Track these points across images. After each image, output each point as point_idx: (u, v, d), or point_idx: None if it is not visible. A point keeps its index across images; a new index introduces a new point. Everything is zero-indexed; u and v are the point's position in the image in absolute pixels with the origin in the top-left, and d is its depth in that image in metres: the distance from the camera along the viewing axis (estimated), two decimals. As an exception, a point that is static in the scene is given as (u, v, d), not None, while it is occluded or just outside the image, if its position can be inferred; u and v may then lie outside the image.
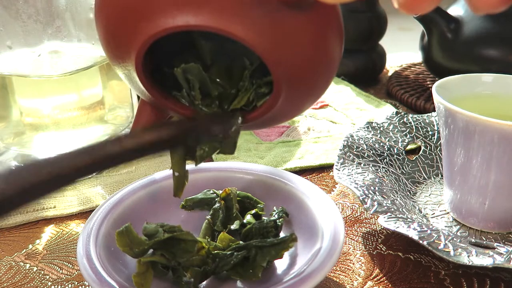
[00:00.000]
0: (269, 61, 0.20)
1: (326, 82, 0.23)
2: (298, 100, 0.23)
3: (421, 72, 0.68)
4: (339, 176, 0.34)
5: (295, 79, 0.21)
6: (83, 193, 0.39)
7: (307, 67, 0.21)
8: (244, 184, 0.33)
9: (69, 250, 0.32)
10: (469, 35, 0.51)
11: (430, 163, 0.40)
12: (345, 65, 0.65)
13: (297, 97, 0.23)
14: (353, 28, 0.62)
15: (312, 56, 0.21)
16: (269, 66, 0.20)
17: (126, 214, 0.30)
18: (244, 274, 0.27)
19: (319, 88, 0.23)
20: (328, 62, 0.22)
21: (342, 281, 0.29)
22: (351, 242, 0.33)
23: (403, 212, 0.31)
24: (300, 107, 0.24)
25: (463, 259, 0.25)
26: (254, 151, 0.46)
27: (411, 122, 0.43)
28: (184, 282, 0.26)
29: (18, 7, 0.36)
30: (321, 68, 0.22)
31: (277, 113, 0.23)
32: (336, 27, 0.21)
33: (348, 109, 0.57)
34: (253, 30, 0.19)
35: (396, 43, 0.85)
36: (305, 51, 0.21)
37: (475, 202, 0.32)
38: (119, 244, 0.25)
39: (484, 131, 0.29)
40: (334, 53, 0.22)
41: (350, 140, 0.39)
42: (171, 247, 0.26)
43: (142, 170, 0.42)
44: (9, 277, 0.30)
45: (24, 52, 0.39)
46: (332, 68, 0.23)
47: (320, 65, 0.22)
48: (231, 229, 0.30)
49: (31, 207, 0.36)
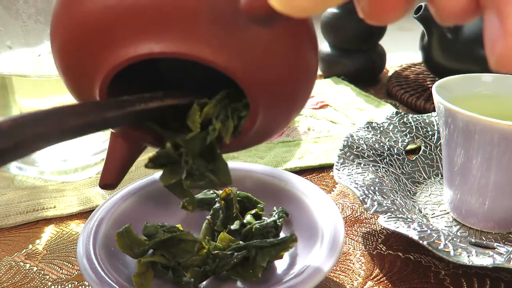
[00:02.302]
0: (243, 81, 0.19)
1: (305, 95, 0.22)
2: (278, 117, 0.22)
3: (421, 72, 0.68)
4: (339, 176, 0.34)
5: (272, 97, 0.20)
6: (83, 193, 0.39)
7: (283, 82, 0.20)
8: (244, 184, 0.33)
9: (69, 250, 0.32)
10: (469, 35, 0.51)
11: (430, 163, 0.40)
12: (345, 65, 0.65)
13: (276, 114, 0.22)
14: (353, 28, 0.62)
15: (288, 70, 0.20)
16: (243, 85, 0.19)
17: (126, 214, 0.30)
18: (244, 274, 0.27)
19: (298, 101, 0.22)
20: (305, 73, 0.21)
21: (342, 281, 0.29)
22: (351, 242, 0.33)
23: (403, 212, 0.31)
24: (281, 123, 0.23)
25: (463, 259, 0.25)
26: (254, 151, 0.46)
27: (411, 122, 0.43)
28: (184, 282, 0.26)
29: (18, 7, 0.36)
30: (298, 81, 0.21)
31: (257, 133, 0.22)
32: (309, 38, 0.20)
33: (348, 109, 0.57)
34: (222, 50, 0.18)
35: (396, 43, 0.85)
36: (280, 66, 0.20)
37: (475, 202, 0.32)
38: (119, 245, 0.25)
39: (484, 131, 0.29)
40: (310, 64, 0.21)
41: (350, 140, 0.39)
42: (171, 247, 0.26)
43: (142, 170, 0.42)
44: (9, 277, 0.30)
45: (24, 52, 0.39)
46: (309, 79, 0.21)
47: (297, 78, 0.21)
48: (231, 229, 0.30)
49: (31, 207, 0.36)
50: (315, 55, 0.21)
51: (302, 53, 0.20)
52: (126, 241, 0.25)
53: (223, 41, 0.18)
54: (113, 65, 0.18)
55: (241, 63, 0.19)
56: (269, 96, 0.20)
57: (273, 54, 0.19)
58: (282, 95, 0.21)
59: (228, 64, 0.18)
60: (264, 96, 0.20)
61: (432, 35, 0.54)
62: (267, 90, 0.20)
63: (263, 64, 0.19)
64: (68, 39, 0.19)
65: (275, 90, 0.20)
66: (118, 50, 0.18)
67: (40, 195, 0.38)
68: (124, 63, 0.18)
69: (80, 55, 0.19)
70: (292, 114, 0.22)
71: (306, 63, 0.20)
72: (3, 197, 0.38)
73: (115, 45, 0.18)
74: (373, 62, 0.66)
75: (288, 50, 0.19)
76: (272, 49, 0.19)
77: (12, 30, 0.37)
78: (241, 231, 0.29)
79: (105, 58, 0.19)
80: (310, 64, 0.21)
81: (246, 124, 0.21)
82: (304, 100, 0.22)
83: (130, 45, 0.18)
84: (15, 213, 0.36)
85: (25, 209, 0.36)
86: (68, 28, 0.19)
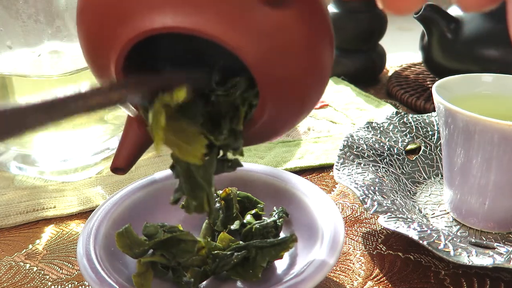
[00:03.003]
0: (252, 63, 0.19)
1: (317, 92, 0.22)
2: (288, 109, 0.21)
3: (421, 72, 0.68)
4: (339, 176, 0.34)
5: (282, 83, 0.20)
6: (83, 193, 0.39)
7: (294, 70, 0.20)
8: (244, 184, 0.33)
9: (69, 250, 0.32)
10: (469, 35, 0.51)
11: (430, 163, 0.40)
12: (345, 65, 0.65)
13: (286, 106, 0.21)
14: (353, 28, 0.62)
15: (301, 60, 0.19)
16: (252, 68, 0.19)
17: (126, 214, 0.30)
18: (244, 274, 0.27)
19: (310, 96, 0.21)
20: (319, 67, 0.20)
21: (342, 281, 0.29)
22: (351, 242, 0.33)
23: (403, 212, 0.31)
24: (291, 121, 0.23)
25: (463, 259, 0.25)
26: (254, 151, 0.46)
27: (411, 122, 0.43)
28: (184, 282, 0.26)
29: (18, 7, 0.36)
30: (311, 76, 0.20)
31: (265, 128, 0.22)
32: (326, 31, 0.20)
33: (348, 109, 0.57)
34: (234, 30, 0.18)
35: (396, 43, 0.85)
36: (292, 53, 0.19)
37: (475, 202, 0.32)
38: (119, 245, 0.25)
39: (484, 131, 0.29)
40: (324, 59, 0.20)
41: (350, 140, 0.39)
42: (171, 247, 0.26)
43: (142, 170, 0.42)
44: (9, 277, 0.30)
45: (24, 52, 0.39)
46: (323, 75, 0.21)
47: (310, 72, 0.20)
48: (231, 229, 0.30)
49: (31, 207, 0.36)
50: (330, 53, 0.20)
51: (318, 45, 0.20)
52: (126, 241, 0.25)
53: (235, 20, 0.18)
54: (128, 38, 0.19)
55: (252, 44, 0.18)
56: (279, 82, 0.20)
57: (286, 39, 0.19)
58: (293, 89, 0.20)
59: (239, 44, 0.18)
60: (274, 81, 0.19)
61: (432, 35, 0.54)
62: (277, 75, 0.19)
63: (274, 47, 0.19)
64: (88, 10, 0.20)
65: (285, 76, 0.20)
66: (133, 24, 0.19)
67: (40, 195, 0.38)
68: (138, 36, 0.19)
69: (98, 27, 0.20)
70: (303, 109, 0.22)
71: (321, 57, 0.20)
72: (3, 197, 0.38)
73: (129, 18, 0.19)
74: (373, 62, 0.66)
75: (303, 40, 0.19)
76: (285, 33, 0.19)
77: (12, 30, 0.37)
78: (241, 231, 0.29)
79: (120, 32, 0.19)
80: (325, 60, 0.20)
81: (257, 112, 0.21)
82: (315, 97, 0.22)
83: (145, 18, 0.18)
84: (15, 213, 0.36)
85: (25, 209, 0.36)
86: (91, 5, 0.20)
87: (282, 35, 0.19)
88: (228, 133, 0.22)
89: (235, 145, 0.22)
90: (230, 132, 0.22)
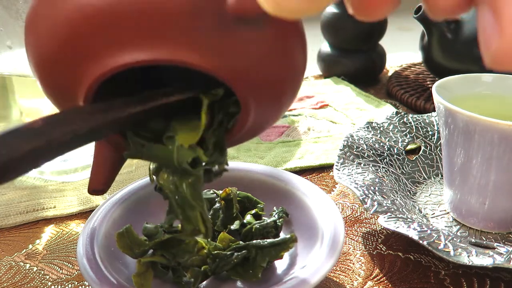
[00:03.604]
0: (232, 83, 0.18)
1: (293, 92, 0.22)
2: (268, 114, 0.22)
3: (421, 72, 0.68)
4: (339, 176, 0.34)
5: (261, 95, 0.20)
6: (83, 193, 0.39)
7: (271, 81, 0.20)
8: (244, 184, 0.33)
9: (69, 250, 0.32)
10: (469, 35, 0.51)
11: (430, 163, 0.40)
12: (345, 65, 0.66)
13: (266, 111, 0.22)
14: (353, 28, 0.62)
15: (276, 70, 0.20)
16: (232, 86, 0.19)
17: (126, 214, 0.30)
18: (244, 274, 0.27)
19: (287, 98, 0.22)
20: (293, 72, 0.21)
21: (342, 281, 0.29)
22: (351, 242, 0.33)
23: (403, 212, 0.31)
24: (271, 119, 0.23)
25: (463, 259, 0.25)
26: (254, 151, 0.46)
27: (411, 122, 0.43)
28: (184, 282, 0.26)
29: (18, 7, 0.36)
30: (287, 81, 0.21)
31: (249, 130, 0.22)
32: (298, 37, 0.20)
33: (348, 109, 0.57)
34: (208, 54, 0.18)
35: (396, 43, 0.85)
36: (268, 66, 0.19)
37: (475, 202, 0.32)
38: (119, 245, 0.25)
39: (484, 131, 0.29)
40: (298, 63, 0.21)
41: (350, 140, 0.39)
42: (171, 248, 0.26)
43: (142, 170, 0.42)
44: (9, 277, 0.30)
45: (24, 52, 0.38)
46: (298, 77, 0.21)
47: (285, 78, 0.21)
48: (231, 229, 0.30)
49: (31, 207, 0.36)
50: (304, 54, 0.21)
51: (291, 52, 0.20)
52: (126, 241, 0.25)
53: (209, 44, 0.17)
54: (95, 77, 0.18)
55: (229, 65, 0.18)
56: (258, 95, 0.20)
57: (261, 54, 0.19)
58: (271, 94, 0.21)
59: (215, 67, 0.18)
60: (254, 95, 0.20)
61: (432, 35, 0.54)
62: (256, 89, 0.20)
63: (251, 65, 0.19)
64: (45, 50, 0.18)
65: (264, 89, 0.20)
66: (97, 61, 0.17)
67: (40, 195, 0.38)
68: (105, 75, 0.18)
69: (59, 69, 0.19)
70: (281, 110, 0.22)
71: (295, 62, 0.20)
72: (3, 197, 0.38)
73: (93, 56, 0.17)
74: (373, 62, 0.66)
75: (277, 51, 0.19)
76: (260, 50, 0.18)
77: (12, 30, 0.37)
78: (241, 231, 0.30)
79: (86, 70, 0.18)
80: (298, 63, 0.21)
81: (238, 123, 0.21)
82: (292, 96, 0.22)
83: (110, 55, 0.17)
84: (15, 213, 0.36)
85: (25, 209, 0.36)
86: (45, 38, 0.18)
87: (259, 52, 0.19)
88: (213, 148, 0.22)
89: (221, 160, 0.22)
90: (215, 146, 0.22)
